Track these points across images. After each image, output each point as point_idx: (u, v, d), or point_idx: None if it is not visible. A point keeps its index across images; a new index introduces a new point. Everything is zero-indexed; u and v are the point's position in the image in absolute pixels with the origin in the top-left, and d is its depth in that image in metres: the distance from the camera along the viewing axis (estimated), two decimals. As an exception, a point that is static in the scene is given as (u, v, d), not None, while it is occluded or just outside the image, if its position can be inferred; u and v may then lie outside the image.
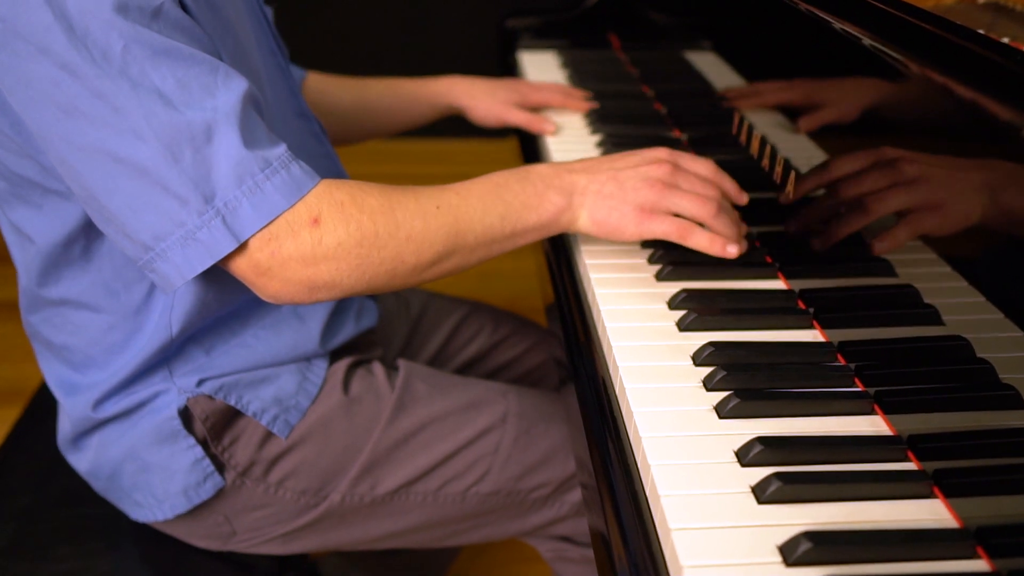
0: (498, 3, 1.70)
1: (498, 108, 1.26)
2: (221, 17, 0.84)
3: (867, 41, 0.78)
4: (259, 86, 0.90)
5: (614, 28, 1.59)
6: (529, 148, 1.30)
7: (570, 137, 1.25)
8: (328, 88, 1.27)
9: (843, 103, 0.87)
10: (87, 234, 0.86)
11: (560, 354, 0.94)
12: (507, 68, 1.59)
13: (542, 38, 1.61)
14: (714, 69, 1.20)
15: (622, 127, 1.25)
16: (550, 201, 0.85)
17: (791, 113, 0.96)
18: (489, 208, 0.84)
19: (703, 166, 0.90)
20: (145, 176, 0.73)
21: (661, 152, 0.89)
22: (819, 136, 0.90)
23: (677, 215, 0.87)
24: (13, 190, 0.85)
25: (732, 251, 0.85)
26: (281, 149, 0.77)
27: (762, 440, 0.67)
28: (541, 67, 1.52)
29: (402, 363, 1.04)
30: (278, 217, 0.75)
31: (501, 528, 1.03)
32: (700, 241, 0.86)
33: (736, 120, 1.06)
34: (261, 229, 0.75)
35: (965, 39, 0.69)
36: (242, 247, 0.76)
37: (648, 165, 0.87)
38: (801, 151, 0.92)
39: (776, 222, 0.95)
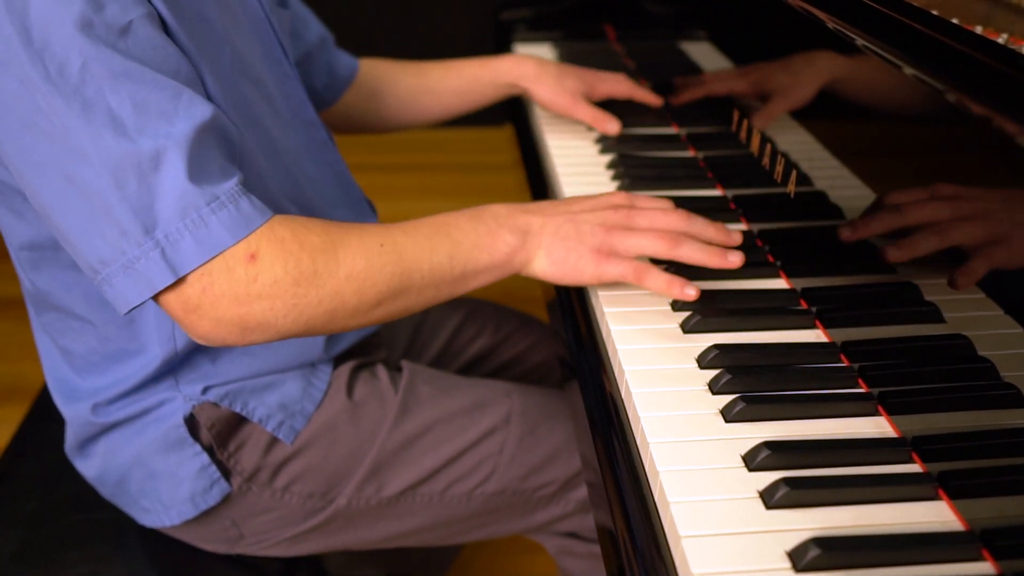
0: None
1: (565, 98, 1.21)
2: (214, 30, 0.82)
3: (860, 42, 0.78)
4: (265, 94, 0.90)
5: (609, 19, 1.59)
6: (526, 138, 1.30)
7: (568, 133, 1.25)
8: (385, 73, 1.25)
9: (844, 94, 0.87)
10: None
11: (564, 352, 0.94)
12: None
13: (537, 30, 1.60)
14: (711, 60, 1.19)
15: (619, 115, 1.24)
16: (503, 240, 0.83)
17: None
18: (437, 247, 0.81)
19: (661, 203, 0.88)
20: (91, 200, 0.72)
21: (617, 197, 0.88)
22: (817, 130, 0.90)
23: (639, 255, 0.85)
24: (4, 193, 0.85)
25: (690, 293, 0.83)
26: (231, 183, 0.74)
27: (769, 445, 0.68)
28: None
29: (405, 365, 1.04)
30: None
31: (507, 526, 1.04)
32: (657, 284, 0.83)
33: (736, 116, 1.07)
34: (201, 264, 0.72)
35: (962, 42, 0.69)
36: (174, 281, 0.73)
37: (604, 210, 0.86)
38: (801, 146, 0.93)
39: (777, 220, 0.96)
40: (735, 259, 0.84)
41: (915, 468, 0.68)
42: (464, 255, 0.82)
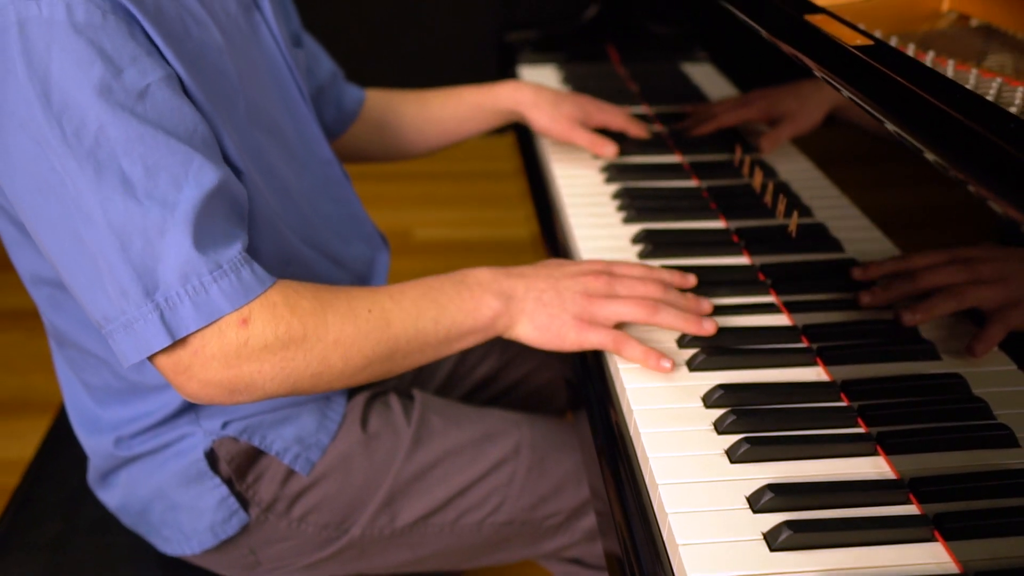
0: (497, 16, 1.71)
1: (563, 124, 1.24)
2: (230, 83, 0.85)
3: (846, 93, 0.81)
4: (279, 140, 0.92)
5: (613, 41, 1.61)
6: (527, 146, 1.33)
7: (572, 155, 1.27)
8: (390, 103, 1.28)
9: (848, 121, 0.89)
10: None
11: (570, 374, 0.97)
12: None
13: (541, 52, 1.62)
14: (712, 82, 1.22)
15: (622, 144, 1.26)
16: (487, 305, 0.86)
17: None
18: (423, 312, 0.84)
19: (638, 270, 0.91)
20: (95, 259, 0.74)
21: (597, 264, 0.91)
22: (817, 157, 0.93)
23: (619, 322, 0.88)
24: (21, 238, 0.87)
25: (665, 366, 0.84)
26: (234, 250, 0.76)
27: (772, 487, 0.71)
28: (541, 82, 1.54)
29: (417, 395, 1.07)
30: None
31: (515, 553, 1.07)
32: (634, 354, 0.85)
33: (738, 152, 1.09)
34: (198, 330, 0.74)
35: (950, 103, 0.71)
36: None
37: (586, 276, 0.89)
38: (801, 174, 0.95)
39: (779, 253, 0.99)
40: (709, 327, 0.87)
41: (912, 510, 0.71)
42: (449, 319, 0.85)
